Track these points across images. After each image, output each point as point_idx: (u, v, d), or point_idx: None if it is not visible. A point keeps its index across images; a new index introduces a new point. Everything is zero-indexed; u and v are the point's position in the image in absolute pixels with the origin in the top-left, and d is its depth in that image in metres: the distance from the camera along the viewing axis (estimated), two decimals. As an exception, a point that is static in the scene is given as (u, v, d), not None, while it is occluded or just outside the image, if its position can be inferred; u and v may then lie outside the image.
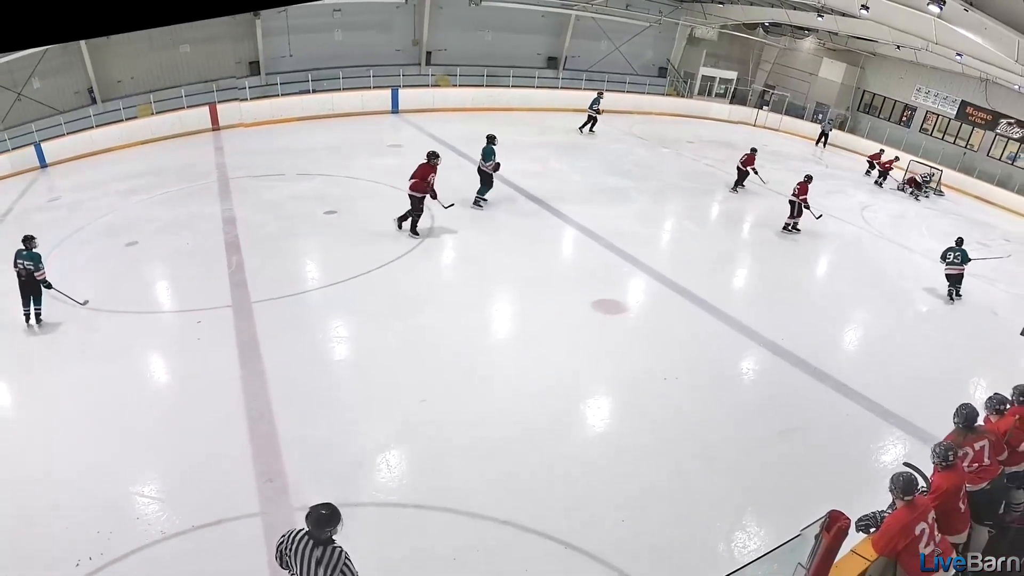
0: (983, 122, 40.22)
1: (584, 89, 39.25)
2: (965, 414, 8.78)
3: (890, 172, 34.64)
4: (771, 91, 47.72)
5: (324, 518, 6.27)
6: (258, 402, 11.19)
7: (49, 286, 13.80)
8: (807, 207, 23.39)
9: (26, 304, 13.96)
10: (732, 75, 47.22)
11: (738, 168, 28.53)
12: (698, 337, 15.41)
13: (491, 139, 21.46)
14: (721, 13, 43.62)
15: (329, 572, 6.32)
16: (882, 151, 35.95)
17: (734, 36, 46.18)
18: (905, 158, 37.57)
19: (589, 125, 33.79)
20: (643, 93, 42.77)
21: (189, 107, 27.15)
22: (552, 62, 41.03)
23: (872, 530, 7.24)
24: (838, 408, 13.40)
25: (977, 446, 8.76)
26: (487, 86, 35.74)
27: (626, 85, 42.04)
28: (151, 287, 15.21)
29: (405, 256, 16.99)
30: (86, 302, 14.06)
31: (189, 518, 8.81)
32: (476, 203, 21.19)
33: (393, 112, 31.79)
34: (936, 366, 15.82)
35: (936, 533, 7.12)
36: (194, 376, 11.97)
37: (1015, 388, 9.80)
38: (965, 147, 40.85)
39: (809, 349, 15.28)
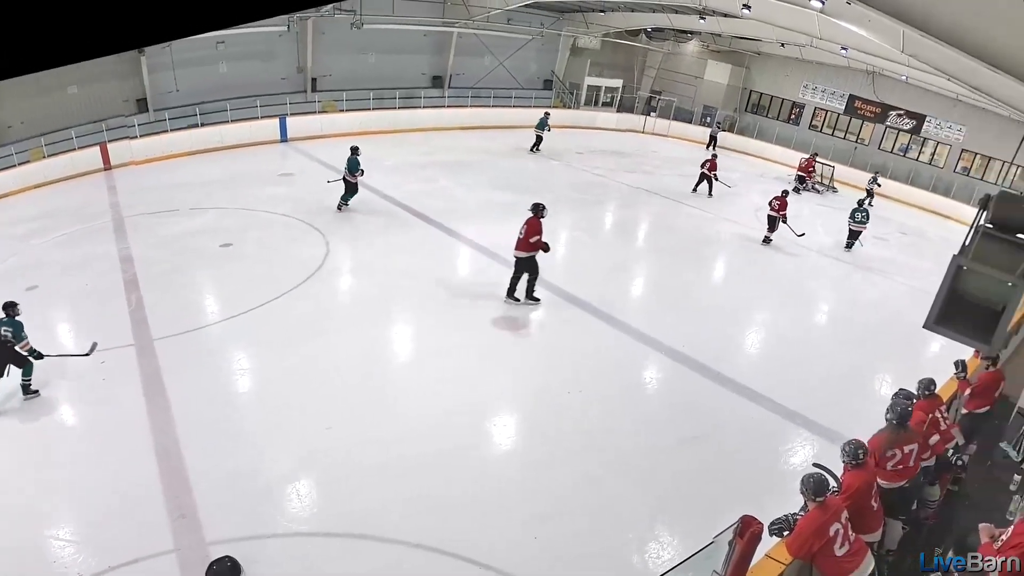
0: (872, 115, 41.44)
1: (471, 106, 39.83)
2: (900, 411, 8.98)
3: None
4: (658, 97, 48.65)
5: (226, 570, 6.02)
6: (165, 438, 11.22)
7: (40, 356, 12.69)
8: (785, 222, 24.31)
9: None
10: (618, 83, 48.02)
11: (702, 173, 30.27)
12: (599, 349, 15.69)
13: (354, 150, 22.63)
14: (603, 21, 43.98)
15: None
16: (814, 156, 36.77)
17: (617, 44, 46.86)
18: (796, 156, 38.73)
19: (535, 144, 34.65)
20: (530, 106, 42.83)
21: (80, 148, 26.64)
22: (437, 81, 41.19)
23: (786, 533, 7.37)
24: (744, 412, 13.76)
25: (907, 448, 9.05)
26: (374, 109, 35.82)
27: (512, 100, 42.55)
28: (54, 330, 15.00)
29: (302, 284, 17.18)
30: (94, 346, 13.20)
31: (105, 559, 8.88)
32: (339, 207, 23.00)
33: (282, 141, 31.76)
34: (840, 364, 16.39)
35: (851, 533, 7.29)
36: (101, 417, 11.98)
37: (920, 382, 10.32)
38: (856, 141, 42.11)
39: (712, 354, 15.69)
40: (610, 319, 16.97)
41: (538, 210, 16.90)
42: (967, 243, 9.02)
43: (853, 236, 25.39)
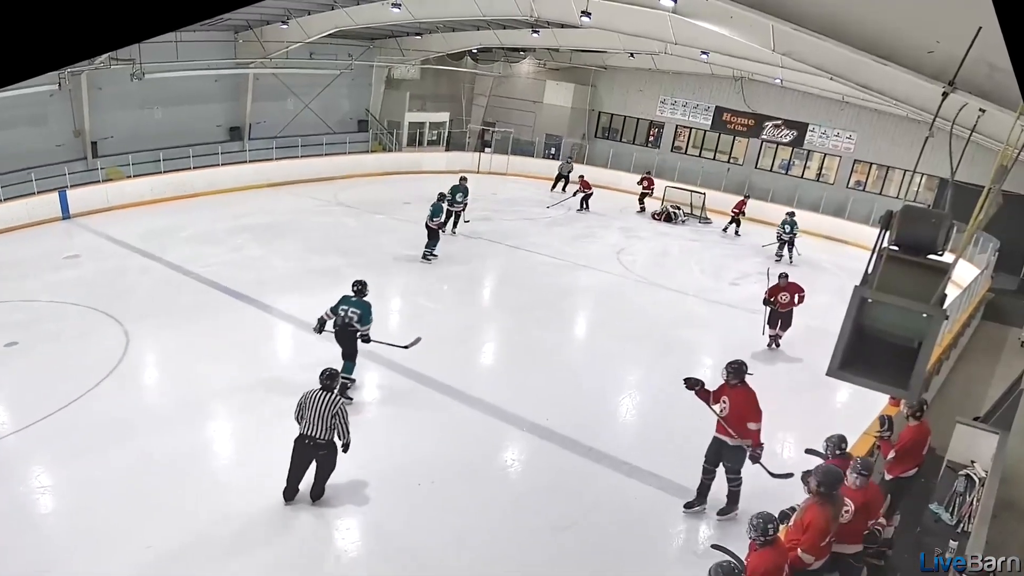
0: (744, 128, 42.37)
1: (276, 159, 39.83)
2: (833, 478, 9.24)
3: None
4: (491, 129, 48.90)
5: (329, 374, 12.85)
6: (-37, 580, 10.96)
7: (368, 340, 16.65)
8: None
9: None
10: (444, 117, 48.42)
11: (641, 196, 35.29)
12: (451, 430, 15.99)
13: (441, 196, 27.65)
14: (420, 46, 44.45)
15: (329, 409, 12.36)
16: (747, 198, 37.01)
17: (439, 71, 47.79)
18: (658, 184, 39.25)
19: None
20: (344, 153, 43.39)
21: None
22: (235, 132, 41.02)
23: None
24: (624, 490, 14.10)
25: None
26: (166, 172, 35.27)
27: (324, 147, 42.60)
28: None
29: (103, 383, 17.14)
30: (417, 340, 17.30)
31: None
32: (425, 257, 27.18)
33: (65, 218, 31.17)
34: None
35: None
36: None
37: (828, 440, 10.94)
38: (728, 161, 43.08)
39: (580, 426, 16.04)
40: (460, 395, 17.33)
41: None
42: (870, 270, 8.60)
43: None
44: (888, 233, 8.51)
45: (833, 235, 36.87)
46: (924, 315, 8.08)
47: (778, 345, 21.54)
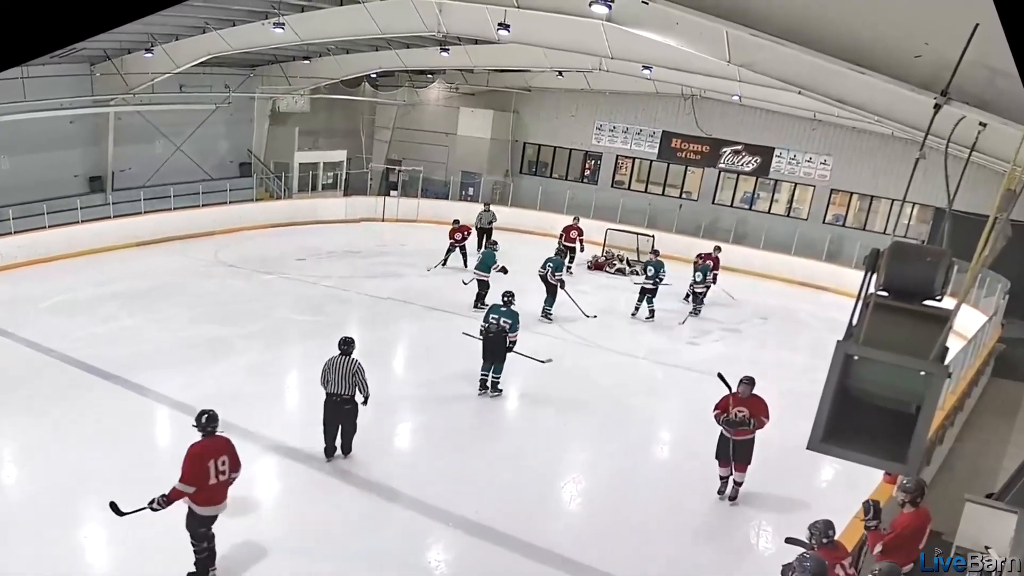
0: (698, 156, 41.70)
1: (145, 212, 39.02)
2: (816, 570, 9.01)
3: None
4: (397, 168, 47.92)
5: (346, 341, 17.52)
6: None
7: (510, 349, 21.24)
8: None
9: (486, 369, 21.45)
10: (341, 156, 47.66)
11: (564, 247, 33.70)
12: (363, 526, 15.70)
13: (560, 252, 31.76)
14: (309, 72, 44.00)
15: (350, 370, 17.12)
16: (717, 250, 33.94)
17: (333, 101, 47.39)
18: (600, 226, 38.60)
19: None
20: (225, 203, 42.53)
21: None
22: (96, 183, 39.80)
23: None
24: None
25: None
26: (17, 232, 34.14)
27: (200, 196, 41.63)
28: None
29: None
30: (548, 360, 22.60)
31: None
32: (546, 316, 29.43)
33: (-99, 291, 30.25)
34: (693, 515, 16.88)
35: None
36: None
37: (813, 527, 10.79)
38: (680, 196, 42.34)
39: (514, 518, 15.80)
40: (374, 485, 17.06)
41: None
42: (855, 321, 8.16)
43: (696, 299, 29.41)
44: (875, 276, 8.23)
45: (809, 280, 36.82)
46: (922, 373, 7.71)
47: (734, 497, 17.49)
